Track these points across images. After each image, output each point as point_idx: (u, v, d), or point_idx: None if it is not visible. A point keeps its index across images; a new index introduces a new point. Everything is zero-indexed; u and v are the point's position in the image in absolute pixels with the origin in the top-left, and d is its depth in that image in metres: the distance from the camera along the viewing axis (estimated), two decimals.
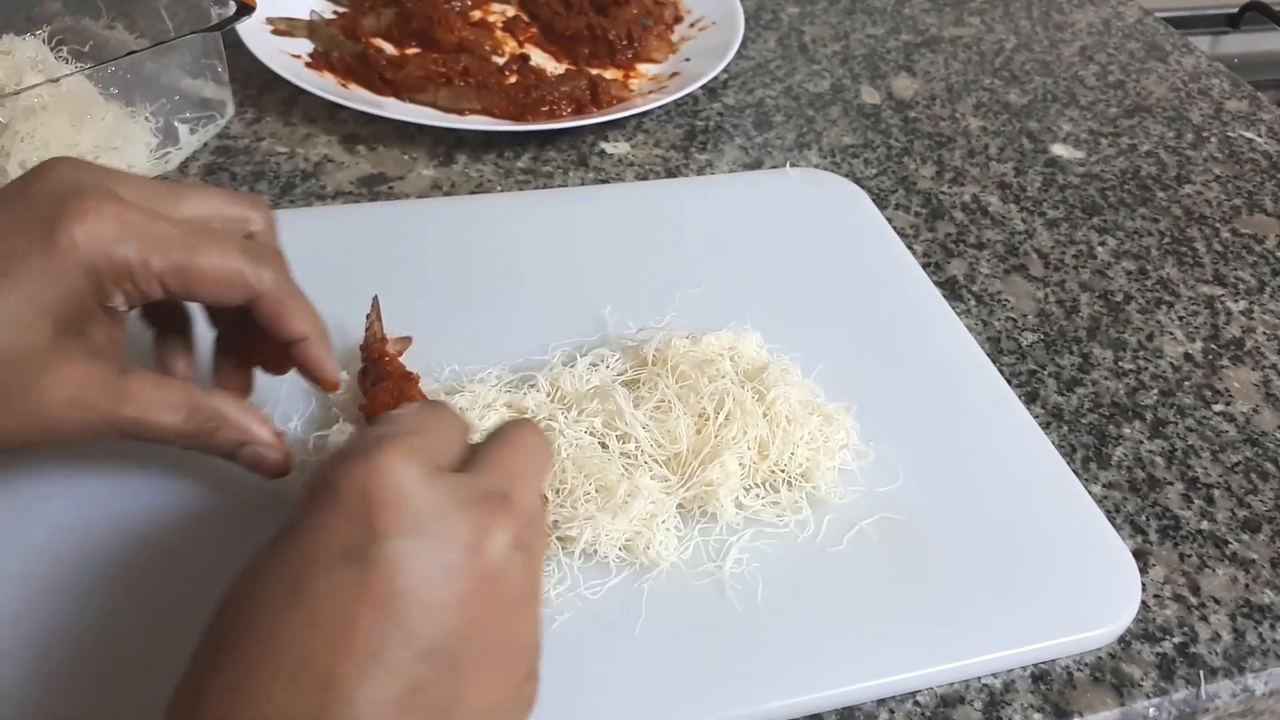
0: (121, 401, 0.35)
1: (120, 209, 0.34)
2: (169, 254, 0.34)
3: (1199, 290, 0.60)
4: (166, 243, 0.34)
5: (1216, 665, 0.41)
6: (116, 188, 0.34)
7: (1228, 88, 0.80)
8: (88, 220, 0.33)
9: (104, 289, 0.34)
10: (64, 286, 0.33)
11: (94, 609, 0.37)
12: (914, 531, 0.43)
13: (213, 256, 0.35)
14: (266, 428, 0.38)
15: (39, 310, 0.33)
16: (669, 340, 0.47)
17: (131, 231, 0.34)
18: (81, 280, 0.33)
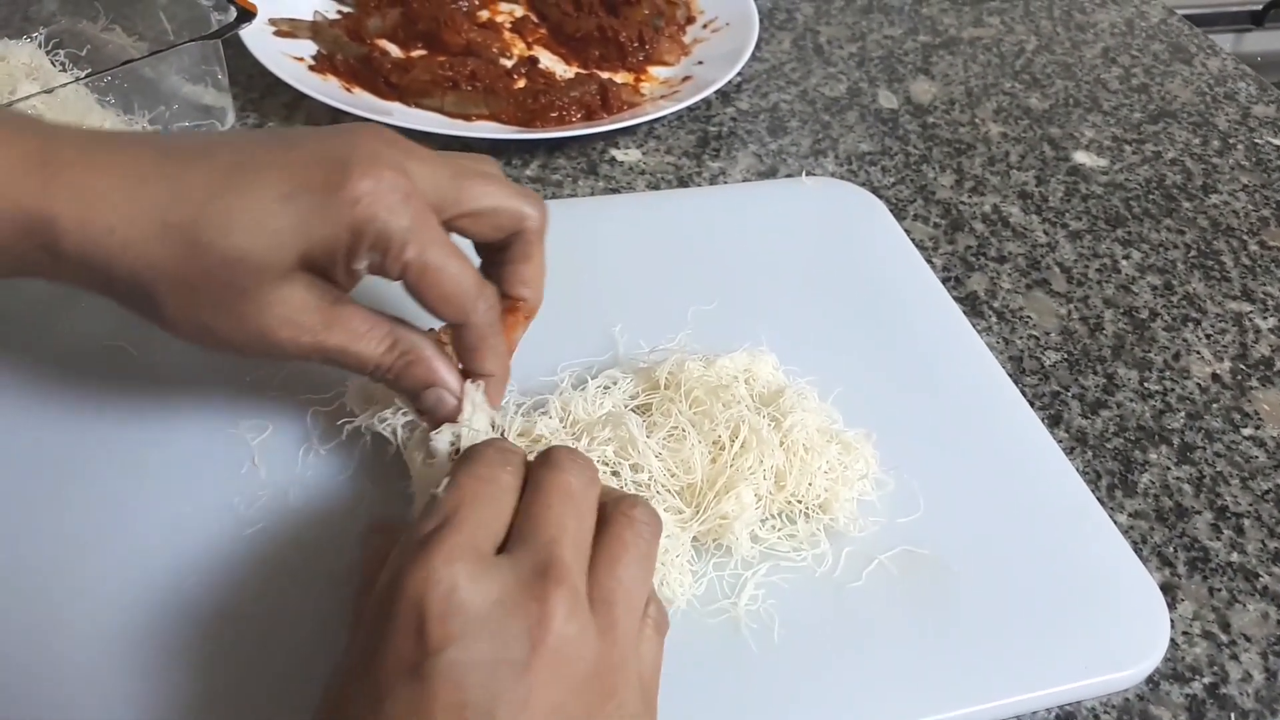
0: (331, 328, 0.37)
1: (407, 191, 0.35)
2: (423, 251, 0.36)
3: (1226, 307, 0.58)
4: (426, 241, 0.36)
5: (1248, 707, 0.40)
6: (413, 167, 0.36)
7: (1254, 91, 0.78)
8: (378, 186, 0.34)
9: (357, 250, 0.35)
10: (327, 229, 0.34)
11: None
12: (935, 566, 0.41)
13: (452, 272, 0.36)
14: (455, 375, 0.39)
15: (297, 235, 0.34)
16: (682, 363, 0.45)
17: (404, 214, 0.35)
18: (344, 233, 0.35)
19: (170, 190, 0.34)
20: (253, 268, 0.34)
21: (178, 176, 0.34)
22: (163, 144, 0.36)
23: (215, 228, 0.34)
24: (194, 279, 0.34)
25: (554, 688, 0.27)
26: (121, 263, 0.34)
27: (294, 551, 0.39)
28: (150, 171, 0.34)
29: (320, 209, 0.34)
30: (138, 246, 0.34)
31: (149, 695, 0.35)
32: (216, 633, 0.37)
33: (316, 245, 0.35)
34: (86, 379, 0.45)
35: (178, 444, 0.43)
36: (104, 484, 0.41)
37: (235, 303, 0.35)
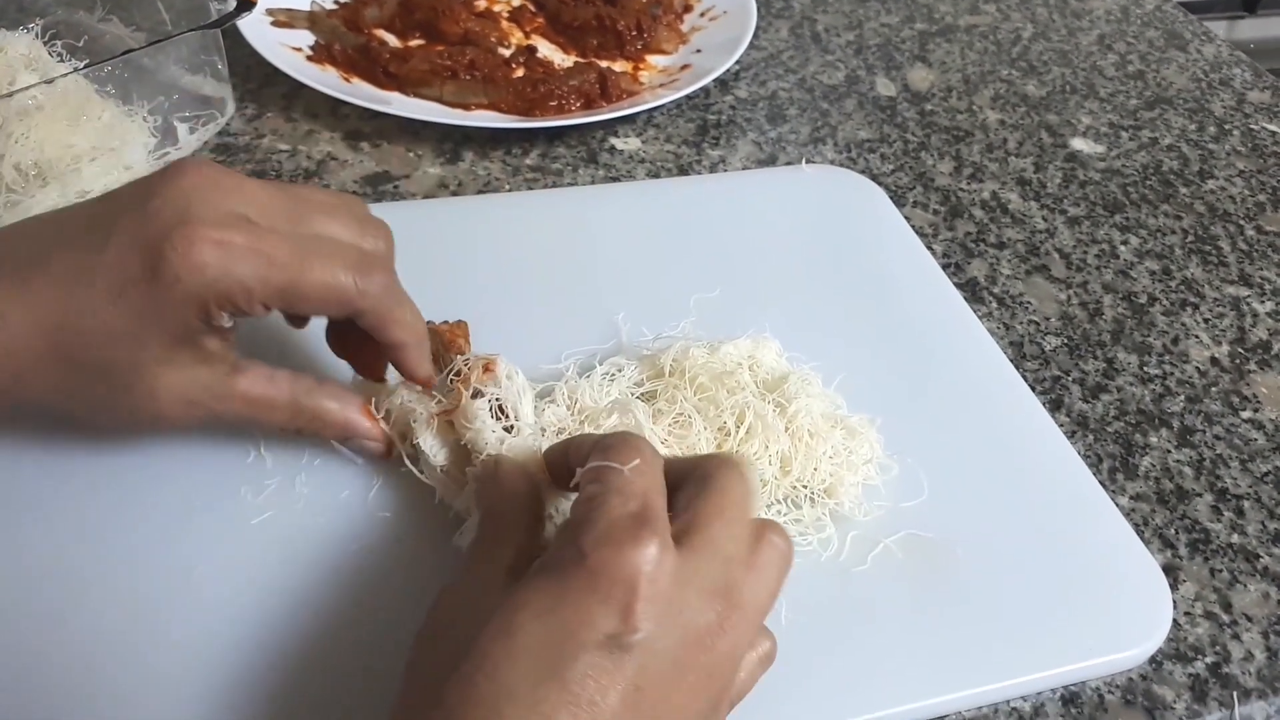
0: (227, 401, 0.38)
1: (224, 240, 0.34)
2: (270, 279, 0.35)
3: (1224, 291, 0.59)
4: (270, 267, 0.35)
5: (1250, 686, 0.40)
6: (238, 203, 0.35)
7: (1250, 78, 0.79)
8: (191, 254, 0.34)
9: (209, 313, 0.35)
10: (170, 312, 0.35)
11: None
12: (939, 549, 0.42)
13: (316, 275, 0.36)
14: (366, 420, 0.40)
15: (150, 328, 0.35)
16: (686, 350, 0.45)
17: (234, 261, 0.34)
18: (186, 308, 0.35)
19: (24, 315, 0.35)
20: (122, 366, 0.36)
21: (24, 296, 0.35)
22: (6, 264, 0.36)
23: (73, 345, 0.35)
24: (77, 388, 0.36)
25: (699, 694, 0.29)
26: (20, 390, 0.36)
27: (302, 539, 0.39)
28: (6, 307, 0.35)
29: (152, 299, 0.34)
30: (19, 375, 0.35)
31: (155, 683, 0.35)
32: (225, 620, 0.37)
33: (169, 326, 0.35)
34: None
35: (184, 435, 0.42)
36: (111, 475, 0.41)
37: (122, 398, 0.36)
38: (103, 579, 0.38)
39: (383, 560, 0.39)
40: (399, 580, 0.38)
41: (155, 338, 0.35)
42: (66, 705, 0.34)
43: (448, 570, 0.39)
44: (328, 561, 0.39)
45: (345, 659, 0.36)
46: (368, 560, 0.39)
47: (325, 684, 0.35)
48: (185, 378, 0.37)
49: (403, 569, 0.39)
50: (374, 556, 0.39)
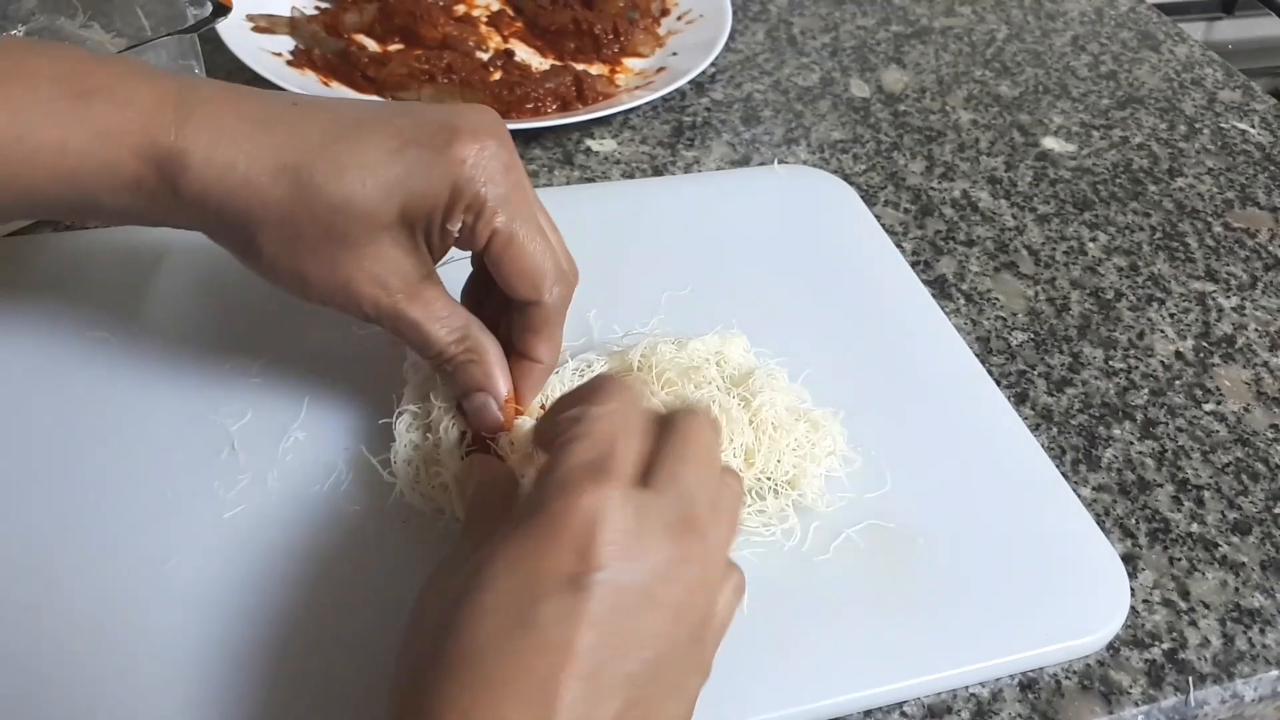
0: (413, 301, 0.38)
1: (507, 163, 0.37)
2: (513, 221, 0.37)
3: (1190, 287, 0.60)
4: (519, 212, 0.38)
5: (1205, 671, 0.41)
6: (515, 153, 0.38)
7: (1221, 77, 0.80)
8: (482, 153, 0.36)
9: (453, 210, 0.37)
10: (430, 185, 0.36)
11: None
12: (902, 539, 0.42)
13: (536, 248, 0.38)
14: (507, 385, 0.41)
15: (401, 187, 0.36)
16: (655, 346, 0.46)
17: (504, 182, 0.37)
18: (445, 190, 0.36)
19: (290, 134, 0.36)
20: (356, 214, 0.36)
21: (298, 123, 0.37)
22: (289, 97, 0.39)
23: (326, 171, 0.36)
24: (300, 219, 0.37)
25: (675, 625, 0.30)
26: (237, 199, 0.36)
27: (275, 533, 0.40)
28: (274, 117, 0.37)
29: (426, 165, 0.36)
30: (254, 184, 0.36)
31: (127, 676, 0.36)
32: (199, 612, 0.37)
33: (417, 199, 0.36)
34: (67, 368, 0.45)
35: (157, 431, 0.43)
36: (84, 470, 0.42)
37: (332, 248, 0.37)
38: (77, 572, 0.38)
39: (352, 553, 0.40)
40: (368, 572, 0.39)
41: (398, 202, 0.36)
42: (42, 696, 0.35)
43: (416, 562, 0.39)
44: (299, 554, 0.39)
45: (317, 649, 0.37)
46: (338, 553, 0.40)
47: (297, 674, 0.36)
48: (394, 257, 0.38)
49: (372, 561, 0.40)
50: (344, 549, 0.40)
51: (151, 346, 0.47)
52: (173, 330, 0.48)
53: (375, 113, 0.38)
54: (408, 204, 0.37)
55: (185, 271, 0.51)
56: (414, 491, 0.41)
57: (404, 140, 0.36)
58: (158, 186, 0.36)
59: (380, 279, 0.38)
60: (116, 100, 0.36)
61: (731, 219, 0.58)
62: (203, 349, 0.47)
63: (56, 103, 0.36)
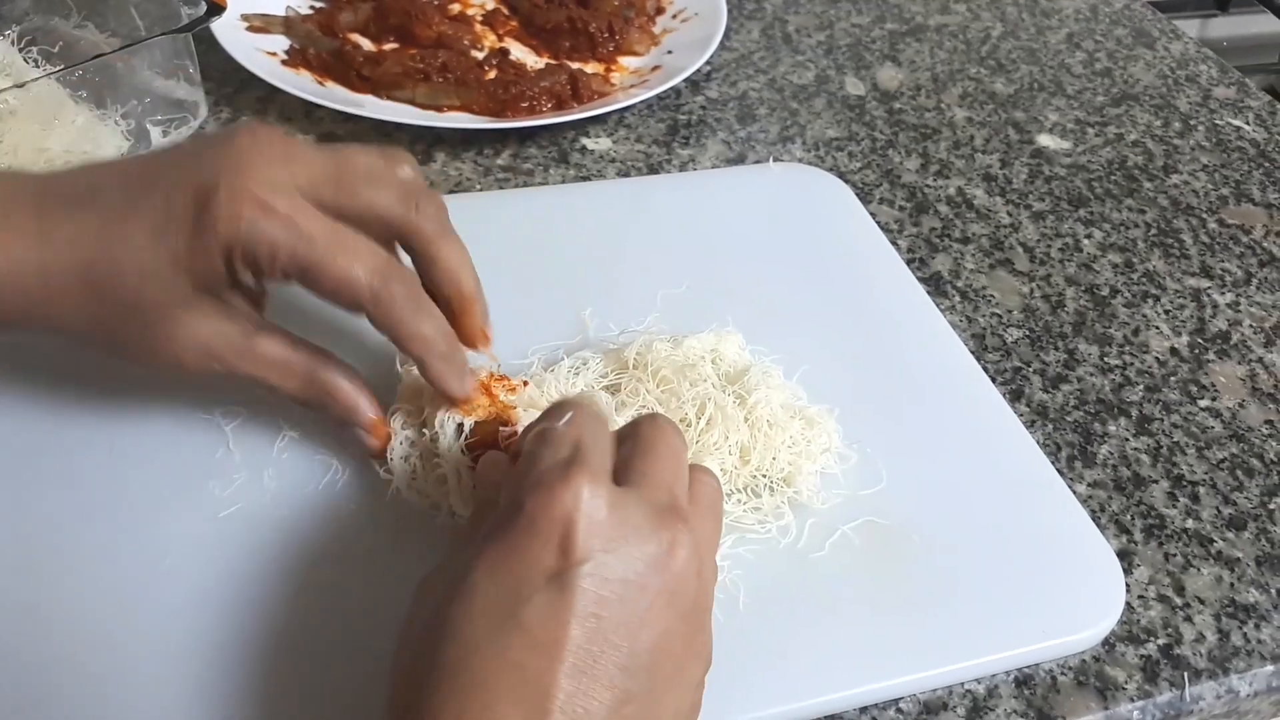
0: (243, 359, 0.38)
1: (266, 203, 0.36)
2: (297, 252, 0.36)
3: (1185, 283, 0.60)
4: (299, 241, 0.36)
5: (1201, 667, 0.41)
6: (289, 171, 0.37)
7: (1215, 74, 0.80)
8: (233, 204, 0.35)
9: (234, 269, 0.37)
10: (198, 258, 0.36)
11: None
12: (897, 535, 0.42)
13: (338, 266, 0.37)
14: (370, 413, 0.40)
15: (176, 269, 0.36)
16: (650, 344, 0.46)
17: (269, 225, 0.36)
18: (216, 257, 0.36)
19: (68, 240, 0.36)
20: (149, 305, 0.37)
21: (70, 223, 0.37)
22: (62, 187, 0.38)
23: (106, 274, 0.36)
24: (104, 319, 0.38)
25: (667, 613, 0.30)
26: (45, 312, 0.37)
27: (270, 531, 0.40)
28: (50, 221, 0.37)
29: (188, 241, 0.36)
30: (53, 298, 0.37)
31: (123, 674, 0.36)
32: (192, 611, 0.37)
33: (196, 273, 0.36)
34: (61, 367, 0.45)
35: (152, 431, 0.43)
36: (79, 469, 0.42)
37: (145, 337, 0.38)
38: (73, 571, 0.38)
39: (348, 552, 0.40)
40: (364, 571, 0.39)
41: (185, 281, 0.36)
42: (38, 694, 0.35)
43: (412, 561, 0.39)
44: (294, 553, 0.39)
45: (313, 648, 0.37)
46: (334, 552, 0.40)
47: (293, 672, 0.36)
48: (207, 328, 0.38)
49: (368, 560, 0.40)
50: (340, 548, 0.40)
51: None
52: None
53: (139, 185, 0.37)
54: (194, 279, 0.37)
55: None
56: (410, 488, 0.41)
57: (164, 216, 0.36)
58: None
59: (205, 349, 0.38)
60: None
61: (727, 217, 0.58)
62: None
63: None
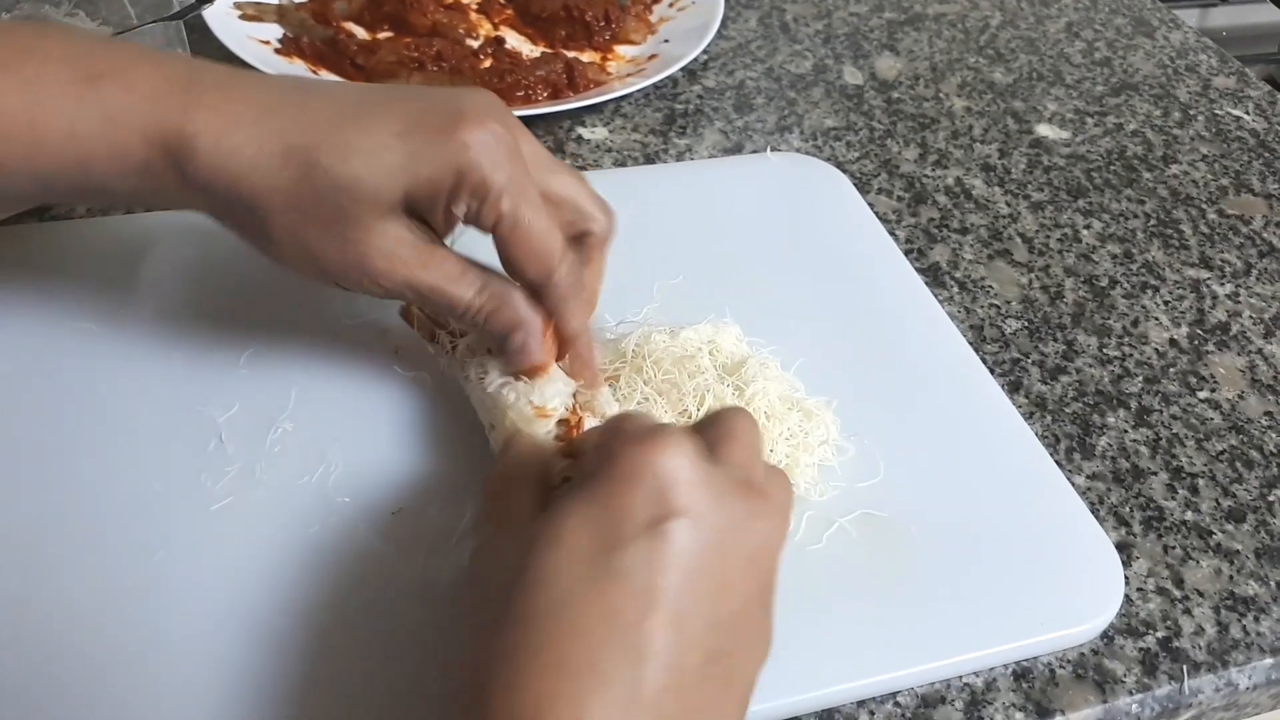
0: (425, 268, 0.38)
1: (511, 147, 0.37)
2: (518, 205, 0.37)
3: (1185, 274, 0.59)
4: (522, 196, 0.37)
5: (1200, 660, 0.41)
6: (519, 133, 0.38)
7: (1215, 64, 0.79)
8: (486, 137, 0.36)
9: (458, 194, 0.37)
10: (435, 168, 0.36)
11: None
12: (895, 528, 0.42)
13: (541, 229, 0.38)
14: (541, 321, 0.40)
15: (406, 170, 0.36)
16: (648, 335, 0.46)
17: (509, 167, 0.37)
18: (449, 174, 0.36)
19: (297, 118, 0.37)
20: (362, 195, 0.36)
21: (305, 106, 0.37)
22: (294, 80, 0.40)
23: (333, 154, 0.36)
24: (307, 202, 0.37)
25: (749, 581, 0.30)
26: (245, 183, 0.37)
27: (263, 525, 0.40)
28: (281, 101, 0.37)
29: (431, 148, 0.36)
30: (261, 168, 0.36)
31: (116, 668, 0.35)
32: (185, 605, 0.37)
33: (422, 182, 0.36)
34: (54, 360, 0.45)
35: (144, 423, 0.43)
36: (70, 463, 0.41)
37: (341, 228, 0.37)
38: (65, 565, 0.38)
39: (341, 545, 0.39)
40: (355, 563, 0.39)
41: (403, 185, 0.36)
42: (31, 688, 0.35)
43: (405, 554, 0.39)
44: (287, 546, 0.39)
45: (305, 641, 0.36)
46: (327, 545, 0.39)
47: (286, 665, 0.36)
48: (400, 232, 0.38)
49: (361, 553, 0.39)
50: (331, 540, 0.39)
51: (138, 338, 0.46)
52: (159, 321, 0.47)
53: (381, 96, 0.38)
54: (412, 188, 0.37)
55: (171, 262, 0.50)
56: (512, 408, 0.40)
57: (409, 124, 0.37)
58: (166, 171, 0.37)
59: (390, 254, 0.38)
60: (125, 84, 0.36)
61: (724, 207, 0.58)
62: (189, 340, 0.46)
63: (67, 87, 0.36)
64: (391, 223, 0.37)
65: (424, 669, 0.36)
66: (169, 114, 0.36)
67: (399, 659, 0.36)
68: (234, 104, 0.37)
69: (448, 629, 0.37)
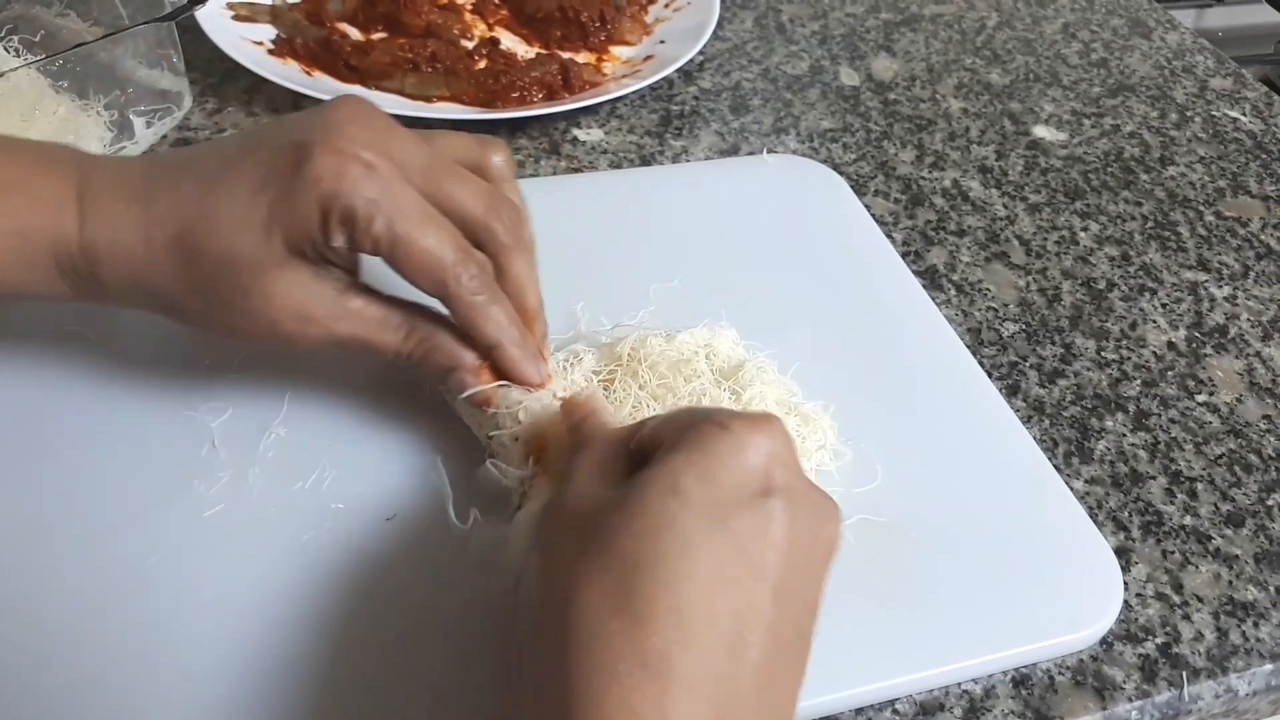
0: (341, 319, 0.38)
1: (368, 164, 0.36)
2: (391, 223, 0.36)
3: (1182, 276, 0.59)
4: (394, 213, 0.36)
5: (1199, 666, 0.40)
6: (386, 141, 0.37)
7: (1212, 65, 0.79)
8: (339, 163, 0.35)
9: (328, 229, 0.36)
10: (297, 213, 0.35)
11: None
12: (892, 533, 0.42)
13: (424, 244, 0.36)
14: (472, 357, 0.40)
15: (273, 225, 0.36)
16: (644, 339, 0.45)
17: (370, 185, 0.36)
18: (313, 213, 0.35)
19: (170, 203, 0.37)
20: (244, 265, 0.36)
21: (176, 187, 0.37)
22: (170, 158, 0.39)
23: (204, 233, 0.36)
24: (203, 284, 0.37)
25: (822, 573, 0.31)
26: (145, 279, 0.37)
27: (256, 530, 0.39)
28: (156, 188, 0.37)
29: (287, 194, 0.35)
30: (154, 262, 0.37)
31: (108, 673, 0.35)
32: (177, 611, 0.37)
33: (291, 230, 0.36)
34: (46, 365, 0.44)
35: (137, 428, 0.42)
36: (63, 468, 0.41)
37: (242, 301, 0.37)
38: (58, 570, 0.38)
39: (334, 550, 0.39)
40: (349, 570, 0.38)
41: (279, 240, 0.36)
42: (22, 693, 0.34)
43: (399, 557, 0.39)
44: (280, 551, 0.39)
45: (299, 645, 0.36)
46: (320, 550, 0.39)
47: (280, 670, 0.35)
48: (301, 289, 0.37)
49: (355, 558, 0.39)
50: (325, 546, 0.39)
51: (130, 342, 0.46)
52: (151, 326, 0.46)
53: (238, 151, 0.37)
54: (287, 238, 0.36)
55: None
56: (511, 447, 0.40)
57: (263, 175, 0.36)
58: (83, 278, 0.38)
59: (300, 313, 0.37)
60: (30, 197, 0.37)
61: (720, 210, 0.58)
62: (182, 345, 0.46)
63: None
64: (290, 282, 0.37)
65: (418, 675, 0.36)
66: (67, 230, 0.37)
67: (393, 665, 0.36)
68: (118, 204, 0.37)
69: (443, 634, 0.37)
